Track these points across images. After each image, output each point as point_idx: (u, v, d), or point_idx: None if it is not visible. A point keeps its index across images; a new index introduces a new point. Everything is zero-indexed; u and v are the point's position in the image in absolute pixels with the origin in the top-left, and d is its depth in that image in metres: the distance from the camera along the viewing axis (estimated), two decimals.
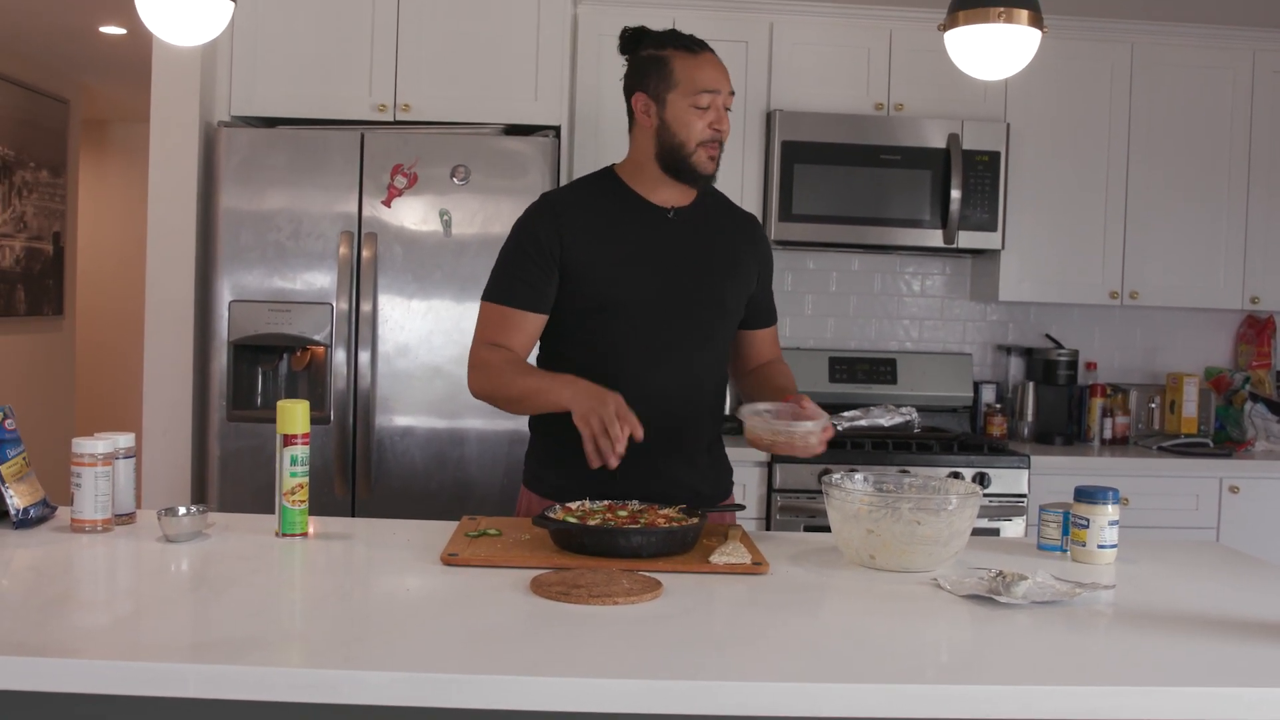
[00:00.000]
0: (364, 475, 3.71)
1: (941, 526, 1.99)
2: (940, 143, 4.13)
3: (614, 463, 2.12)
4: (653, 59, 2.39)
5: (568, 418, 2.20)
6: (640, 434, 2.13)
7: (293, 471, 2.15)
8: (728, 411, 2.60)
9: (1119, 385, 4.57)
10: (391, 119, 3.88)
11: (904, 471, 3.66)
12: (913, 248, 4.27)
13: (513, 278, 2.39)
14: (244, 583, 1.87)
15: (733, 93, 2.42)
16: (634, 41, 2.44)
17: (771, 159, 4.12)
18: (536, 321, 2.40)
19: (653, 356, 2.39)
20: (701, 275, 2.43)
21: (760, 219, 4.14)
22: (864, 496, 2.06)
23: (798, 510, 3.84)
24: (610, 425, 2.11)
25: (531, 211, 2.45)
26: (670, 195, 2.44)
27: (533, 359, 2.47)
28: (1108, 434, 4.44)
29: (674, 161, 2.38)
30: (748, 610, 1.80)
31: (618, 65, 2.52)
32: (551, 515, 2.12)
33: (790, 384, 2.52)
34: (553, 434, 2.40)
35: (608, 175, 2.50)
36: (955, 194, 4.09)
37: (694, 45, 2.40)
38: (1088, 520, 2.14)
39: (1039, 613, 1.79)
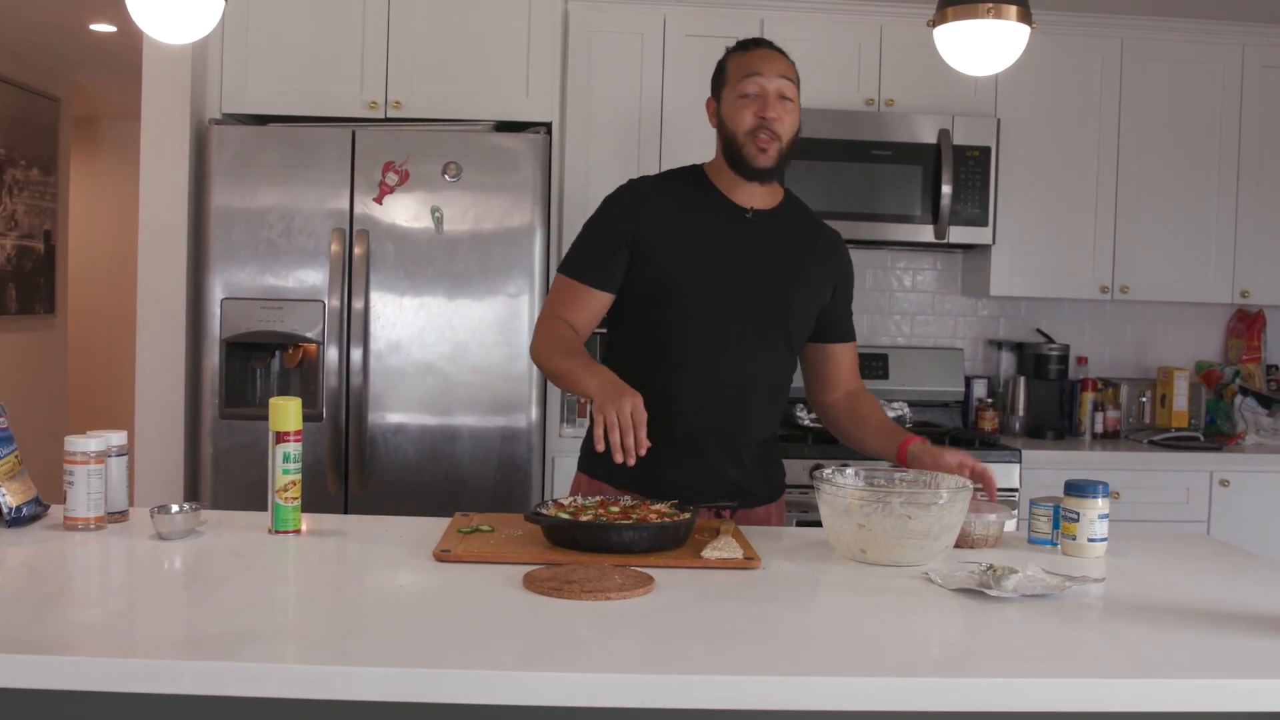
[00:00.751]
0: (357, 472, 3.72)
1: (932, 521, 1.99)
2: (931, 138, 4.14)
3: (625, 460, 2.12)
4: (717, 66, 2.49)
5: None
6: (645, 447, 2.12)
7: (285, 468, 2.15)
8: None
9: (1110, 379, 4.59)
10: (383, 116, 3.88)
11: (895, 466, 3.69)
12: (904, 243, 4.28)
13: (586, 254, 2.46)
14: (237, 579, 1.87)
15: (791, 81, 2.40)
16: None
17: None
18: (602, 299, 2.45)
19: (710, 350, 2.41)
20: (769, 276, 2.44)
21: None
22: (855, 491, 2.07)
23: (790, 505, 3.83)
24: (626, 431, 2.11)
25: (616, 193, 2.51)
26: (751, 197, 2.47)
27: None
28: (1099, 428, 4.45)
29: (731, 156, 2.43)
30: (740, 605, 1.80)
31: (608, 61, 2.54)
32: (544, 511, 2.12)
33: (892, 423, 2.54)
34: None
35: (696, 170, 2.54)
36: (946, 189, 4.10)
37: (749, 43, 2.45)
38: (1078, 514, 2.15)
39: (1029, 606, 1.80)
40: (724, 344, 2.41)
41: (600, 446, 2.14)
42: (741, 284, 2.42)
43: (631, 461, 2.12)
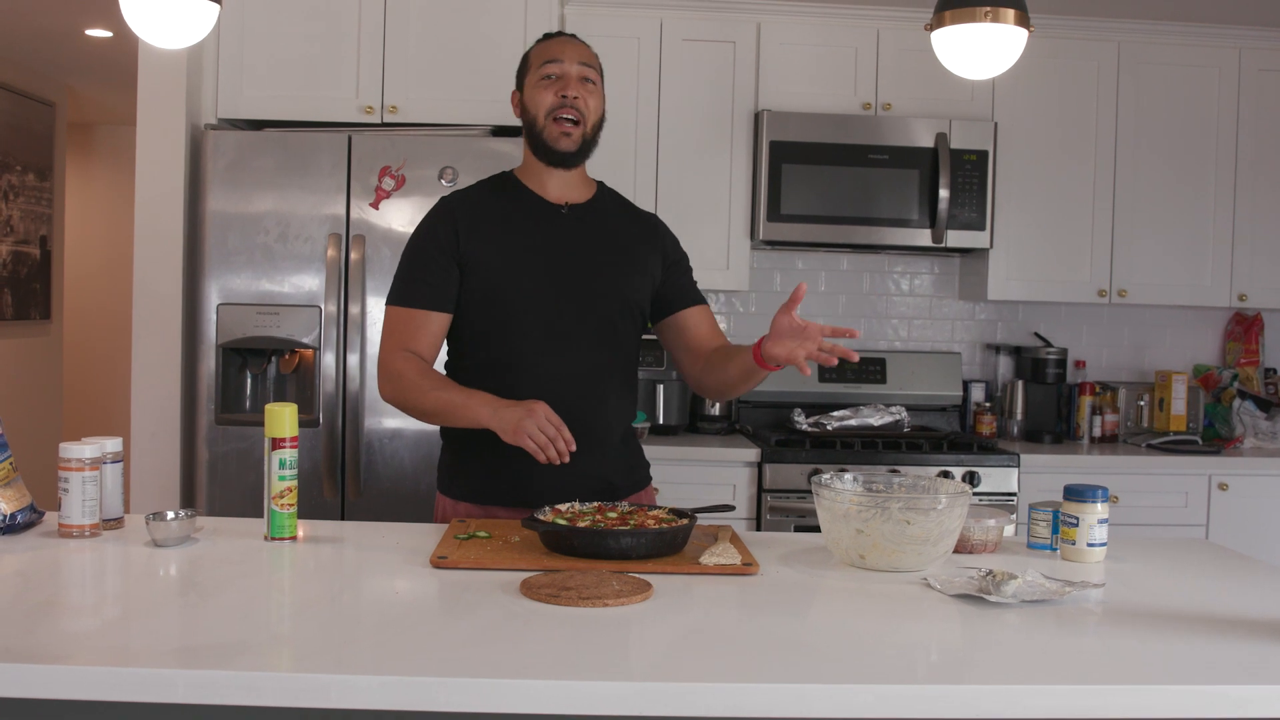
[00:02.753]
0: (353, 478, 3.71)
1: (931, 526, 1.99)
2: (928, 142, 4.13)
3: (565, 460, 2.21)
4: (521, 61, 2.51)
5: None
6: (572, 440, 2.21)
7: (281, 475, 2.15)
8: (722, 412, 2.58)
9: (1108, 383, 4.58)
10: (379, 121, 3.87)
11: (893, 471, 3.69)
12: (901, 247, 4.27)
13: (414, 279, 2.45)
14: (233, 587, 1.86)
15: (592, 67, 2.45)
16: None
17: (759, 159, 4.12)
18: (441, 321, 2.44)
19: (550, 351, 2.41)
20: (594, 268, 2.45)
21: (749, 219, 4.17)
22: (853, 496, 2.06)
23: (787, 511, 3.84)
24: (555, 439, 2.19)
25: (429, 214, 2.51)
26: (564, 191, 2.49)
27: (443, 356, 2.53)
28: (1097, 432, 4.45)
29: (535, 143, 2.45)
30: (738, 611, 1.80)
31: (605, 66, 2.54)
32: (541, 517, 2.12)
33: (743, 352, 2.39)
34: (460, 439, 2.43)
35: (506, 176, 2.55)
36: (943, 193, 4.09)
37: (551, 35, 2.50)
38: (1077, 519, 2.15)
39: (1029, 612, 1.80)
40: (563, 342, 2.41)
41: (544, 461, 2.20)
42: (567, 280, 2.43)
43: (567, 459, 2.21)
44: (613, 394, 2.48)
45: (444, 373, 2.48)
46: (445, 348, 2.52)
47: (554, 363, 2.41)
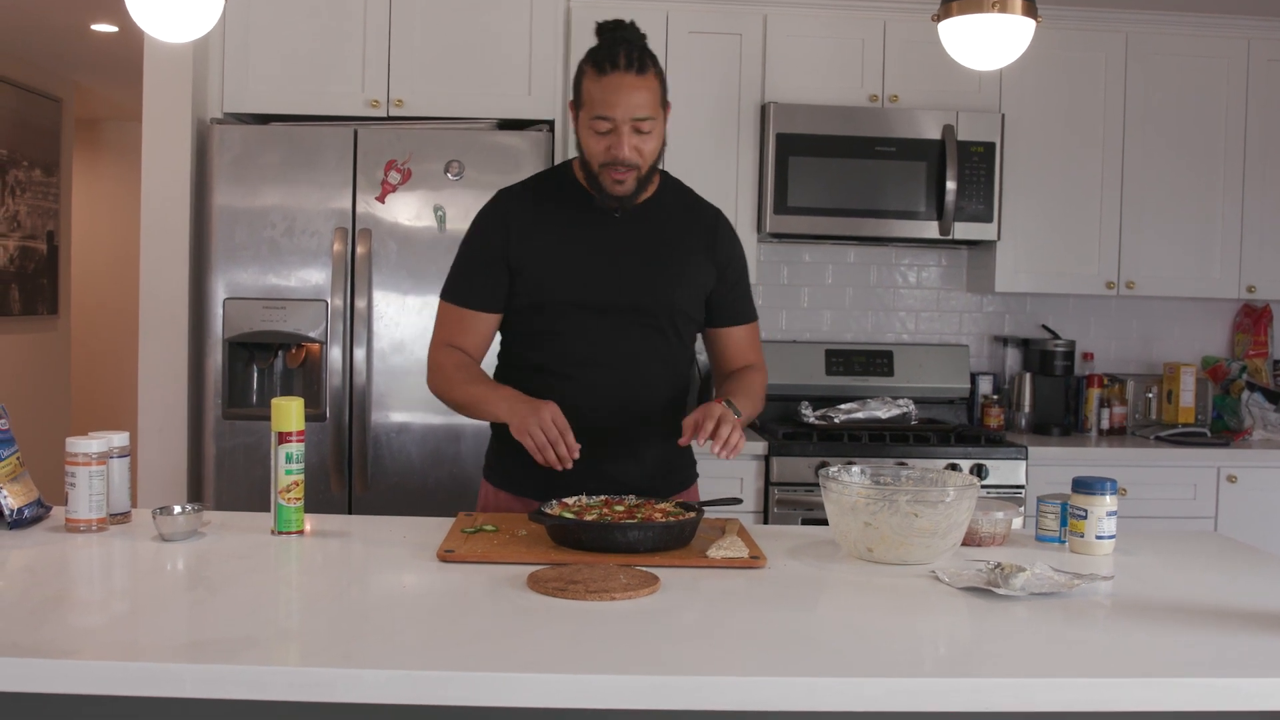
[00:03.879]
0: (360, 472, 3.71)
1: (939, 518, 1.98)
2: (935, 134, 4.12)
3: (567, 465, 2.21)
4: (578, 70, 2.36)
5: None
6: (575, 448, 2.20)
7: (288, 469, 2.14)
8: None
9: (1116, 375, 4.57)
10: (385, 115, 3.87)
11: (901, 464, 3.68)
12: (908, 239, 4.26)
13: (466, 278, 2.44)
14: (240, 581, 1.86)
15: (644, 112, 2.28)
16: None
17: (766, 152, 4.11)
18: (489, 321, 2.45)
19: (595, 355, 2.40)
20: (644, 274, 2.41)
21: (755, 212, 4.16)
22: (861, 489, 2.05)
23: (795, 503, 3.84)
24: (555, 443, 2.19)
25: (486, 210, 2.48)
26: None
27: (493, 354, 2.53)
28: (1105, 424, 4.44)
29: (589, 176, 2.37)
30: (745, 605, 1.79)
31: None
32: (548, 510, 2.11)
33: (742, 391, 2.43)
34: (504, 428, 2.40)
35: (564, 170, 2.49)
36: (951, 185, 4.08)
37: (604, 64, 2.29)
38: (1086, 511, 2.14)
39: (1037, 605, 1.79)
40: (609, 347, 2.40)
41: (541, 459, 2.20)
42: (616, 285, 2.39)
43: (569, 465, 2.21)
44: (657, 403, 2.45)
45: (497, 371, 2.50)
46: (498, 344, 2.52)
47: (596, 372, 2.40)
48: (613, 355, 2.40)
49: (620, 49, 2.30)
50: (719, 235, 2.51)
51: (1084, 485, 2.15)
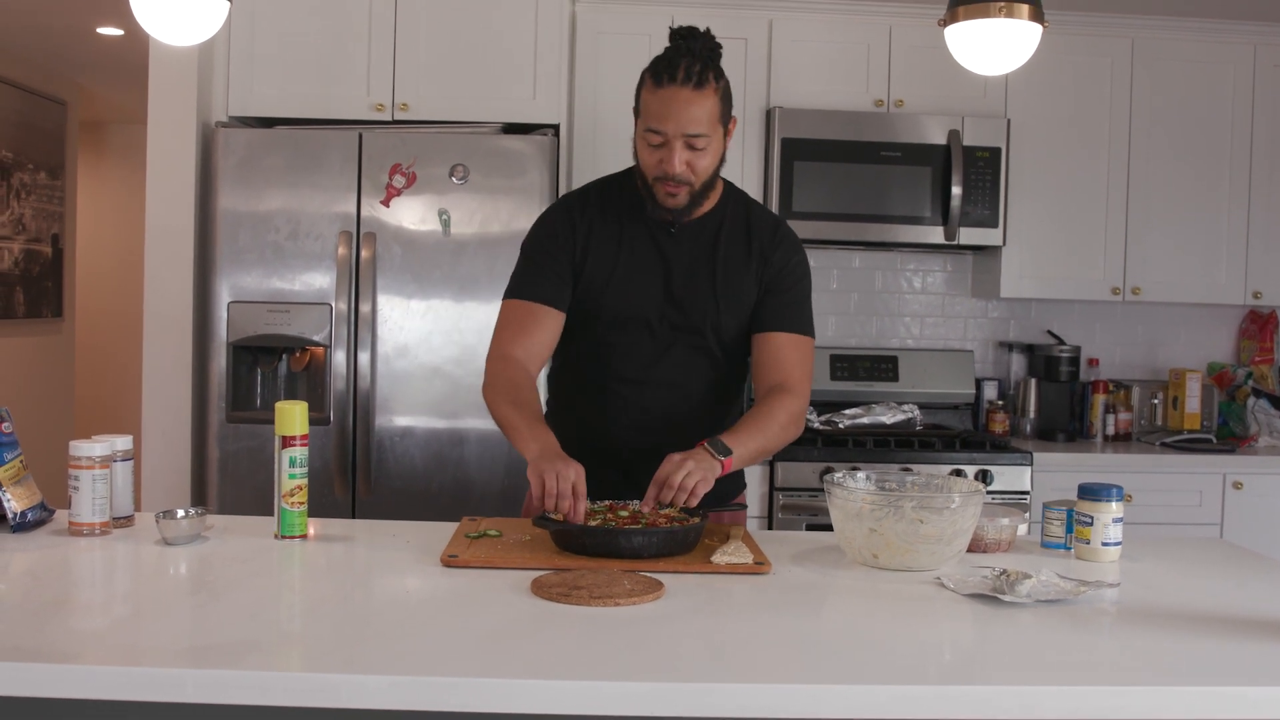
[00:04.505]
0: (364, 476, 3.70)
1: (944, 525, 1.97)
2: (941, 139, 4.11)
3: (571, 519, 2.07)
4: (640, 77, 2.32)
5: (573, 420, 2.32)
6: (580, 519, 2.04)
7: (291, 473, 2.14)
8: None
9: (1121, 381, 4.56)
10: (390, 119, 3.87)
11: (906, 469, 3.68)
12: (914, 244, 4.25)
13: (534, 274, 2.38)
14: (243, 586, 1.86)
15: (698, 129, 2.23)
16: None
17: (771, 156, 4.11)
18: (556, 318, 2.38)
19: (640, 372, 2.39)
20: (692, 292, 2.38)
21: None
22: (866, 495, 2.04)
23: (799, 509, 3.83)
24: (564, 496, 2.04)
25: (552, 214, 2.45)
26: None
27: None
28: (1110, 430, 4.43)
29: (644, 187, 2.34)
30: (750, 611, 1.79)
31: (616, 63, 2.52)
32: (552, 516, 2.11)
33: (752, 423, 2.28)
34: (558, 432, 2.37)
35: (625, 180, 2.44)
36: (956, 190, 4.08)
37: (662, 76, 2.23)
38: (1092, 518, 2.13)
39: (1043, 611, 1.78)
40: (653, 364, 2.38)
41: (539, 503, 2.07)
42: (664, 302, 2.37)
43: (576, 520, 2.05)
44: (698, 420, 2.40)
45: (545, 387, 2.44)
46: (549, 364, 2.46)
47: (640, 388, 2.38)
48: (657, 371, 2.39)
49: (682, 61, 2.23)
50: (775, 244, 2.42)
51: (1090, 492, 2.14)
